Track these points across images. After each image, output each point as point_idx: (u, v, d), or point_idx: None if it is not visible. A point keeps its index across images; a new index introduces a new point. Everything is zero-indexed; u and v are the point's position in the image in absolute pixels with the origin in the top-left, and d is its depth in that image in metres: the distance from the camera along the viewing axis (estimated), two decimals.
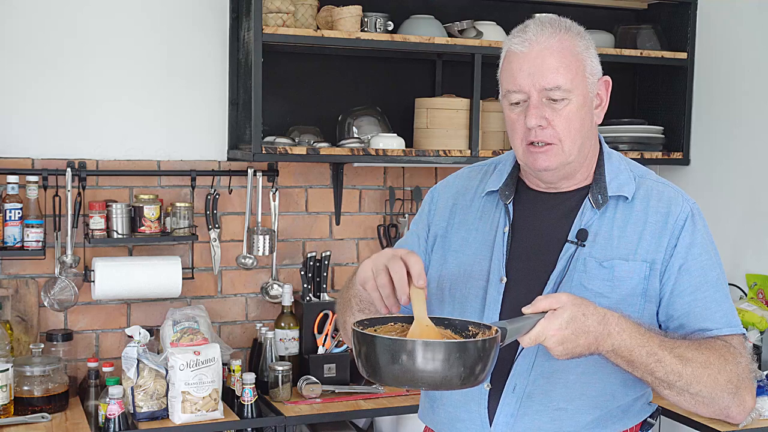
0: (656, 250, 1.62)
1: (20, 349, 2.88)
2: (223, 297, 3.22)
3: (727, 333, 1.62)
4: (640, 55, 3.42)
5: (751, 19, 3.29)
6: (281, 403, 2.86)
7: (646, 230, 1.63)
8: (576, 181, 1.69)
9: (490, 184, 1.73)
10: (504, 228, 1.67)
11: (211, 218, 3.12)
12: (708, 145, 3.46)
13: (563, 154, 1.61)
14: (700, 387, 1.53)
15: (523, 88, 1.60)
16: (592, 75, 1.66)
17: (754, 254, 3.23)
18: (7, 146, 2.93)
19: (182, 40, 3.11)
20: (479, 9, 3.38)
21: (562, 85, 1.59)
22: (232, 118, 3.15)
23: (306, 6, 2.99)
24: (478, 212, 1.73)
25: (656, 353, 1.50)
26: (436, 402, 1.71)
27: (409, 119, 3.27)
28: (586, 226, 1.64)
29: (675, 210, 1.65)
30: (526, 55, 1.60)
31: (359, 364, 1.38)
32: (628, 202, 1.66)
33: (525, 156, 1.63)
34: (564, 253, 1.63)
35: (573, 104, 1.61)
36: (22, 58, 2.94)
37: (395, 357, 1.31)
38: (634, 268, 1.61)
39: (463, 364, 1.31)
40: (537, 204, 1.69)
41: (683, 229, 1.63)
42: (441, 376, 1.31)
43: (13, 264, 2.94)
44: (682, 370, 1.51)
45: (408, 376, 1.31)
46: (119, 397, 2.57)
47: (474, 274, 1.66)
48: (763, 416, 2.70)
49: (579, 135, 1.62)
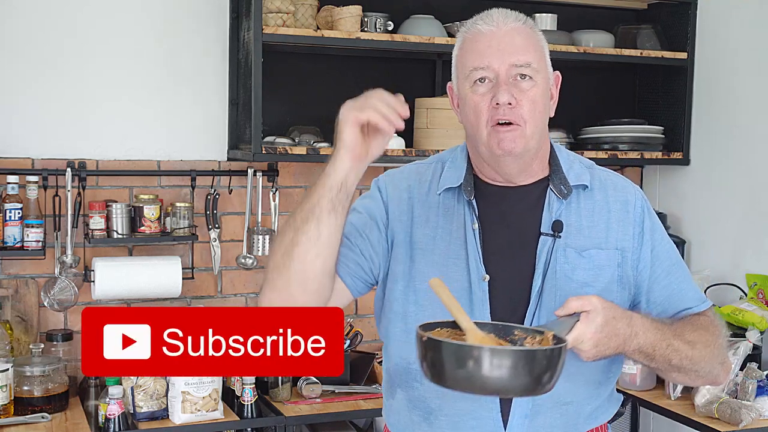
0: (624, 239, 1.64)
1: (20, 349, 2.88)
2: (223, 297, 3.22)
3: (704, 308, 1.70)
4: (640, 55, 3.42)
5: (751, 19, 3.28)
6: (281, 403, 2.86)
7: (611, 219, 1.65)
8: (533, 175, 1.66)
9: (446, 181, 1.68)
10: (472, 225, 1.63)
11: (211, 218, 3.12)
12: (708, 145, 3.46)
13: (525, 137, 1.58)
14: (703, 364, 1.62)
15: (492, 65, 1.57)
16: (549, 66, 1.65)
17: (754, 254, 3.23)
18: (7, 146, 2.93)
19: (182, 40, 3.11)
20: (479, 9, 3.36)
21: (532, 62, 1.58)
22: (232, 118, 3.15)
23: (306, 6, 2.99)
24: (439, 209, 1.67)
25: (672, 343, 1.56)
26: (433, 413, 1.63)
27: (409, 119, 3.26)
28: (556, 217, 1.62)
29: (630, 198, 1.68)
30: (494, 33, 1.59)
31: (423, 367, 1.38)
32: (587, 192, 1.66)
33: (490, 138, 1.58)
34: (542, 245, 1.61)
35: (539, 87, 1.59)
36: (22, 58, 2.94)
37: (462, 363, 1.31)
38: (609, 256, 1.63)
39: (530, 372, 1.31)
40: (498, 199, 1.66)
41: (643, 216, 1.67)
42: (508, 383, 1.31)
43: (13, 264, 2.94)
44: (691, 353, 1.58)
45: (476, 383, 1.31)
46: (119, 397, 2.57)
47: (451, 275, 1.61)
48: (763, 416, 2.69)
49: (540, 120, 1.60)
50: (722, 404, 2.66)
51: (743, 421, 2.61)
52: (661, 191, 3.66)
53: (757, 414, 2.65)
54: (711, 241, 3.41)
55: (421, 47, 3.12)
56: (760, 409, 2.68)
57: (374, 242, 1.66)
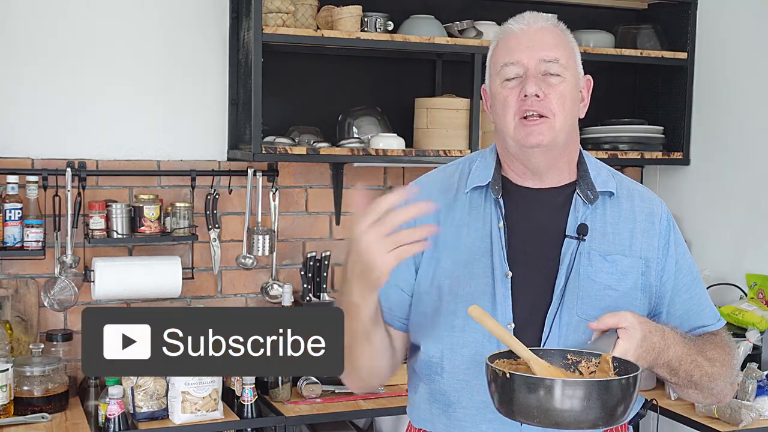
0: (648, 249, 1.65)
1: (20, 349, 2.88)
2: (223, 297, 3.22)
3: (719, 327, 1.72)
4: (640, 55, 3.42)
5: (751, 19, 3.29)
6: (281, 403, 2.86)
7: (636, 228, 1.66)
8: (561, 176, 1.67)
9: (474, 180, 1.69)
10: (498, 223, 1.65)
11: (211, 218, 3.12)
12: (708, 145, 3.46)
13: (554, 130, 1.59)
14: (719, 382, 1.63)
15: (521, 60, 1.60)
16: (580, 68, 1.67)
17: (754, 254, 3.23)
18: (7, 146, 2.93)
19: (182, 40, 3.11)
20: (479, 9, 3.38)
21: (560, 59, 1.60)
22: (232, 118, 3.15)
23: (306, 6, 2.99)
24: (465, 208, 1.69)
25: (696, 359, 1.58)
26: (452, 406, 1.66)
27: (409, 119, 3.27)
28: (582, 221, 1.64)
29: (657, 210, 1.69)
30: (525, 32, 1.63)
31: (494, 400, 1.40)
32: (614, 199, 1.67)
33: (517, 131, 1.60)
34: (566, 247, 1.62)
35: (567, 83, 1.61)
36: (22, 58, 2.94)
37: (534, 395, 1.33)
38: (632, 264, 1.63)
39: (603, 404, 1.33)
40: (526, 199, 1.68)
41: (669, 229, 1.68)
42: (580, 416, 1.32)
43: (13, 264, 2.94)
44: (711, 370, 1.60)
45: (549, 416, 1.33)
46: (119, 397, 2.57)
47: (476, 270, 1.63)
48: (763, 416, 2.70)
49: (570, 115, 1.62)
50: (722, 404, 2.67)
51: (743, 421, 2.61)
52: (661, 191, 3.66)
53: (757, 414, 2.66)
54: (711, 241, 3.41)
55: (421, 47, 3.12)
56: (760, 409, 2.68)
57: (406, 267, 1.69)
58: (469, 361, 1.62)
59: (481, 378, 1.56)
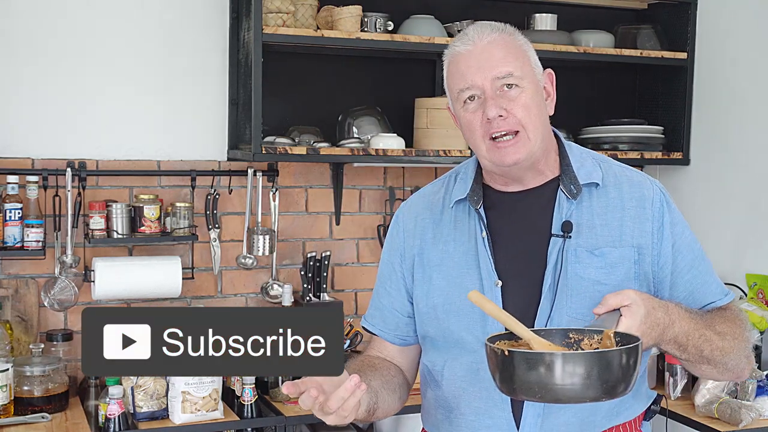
0: (640, 236, 1.63)
1: (20, 349, 2.88)
2: (223, 297, 3.22)
3: (727, 301, 1.70)
4: (640, 55, 3.42)
5: (751, 19, 3.28)
6: (281, 403, 2.86)
7: (625, 216, 1.64)
8: (543, 176, 1.67)
9: (455, 193, 1.71)
10: (481, 234, 1.65)
11: (211, 218, 3.12)
12: (708, 145, 3.46)
13: (528, 142, 1.59)
14: (732, 356, 1.61)
15: (475, 83, 1.59)
16: (537, 66, 1.66)
17: (754, 254, 3.23)
18: (7, 146, 2.93)
19: (182, 40, 3.12)
20: (479, 9, 3.38)
21: (513, 71, 1.59)
22: (232, 118, 3.15)
23: (306, 6, 2.99)
24: (451, 223, 1.71)
25: (704, 333, 1.56)
26: (453, 412, 1.68)
27: (409, 119, 3.27)
28: (566, 218, 1.63)
29: (648, 194, 1.66)
30: (471, 52, 1.61)
31: (495, 380, 1.40)
32: (601, 189, 1.66)
33: (491, 153, 1.60)
34: (552, 247, 1.62)
35: (527, 92, 1.60)
36: (22, 57, 2.94)
37: (534, 371, 1.33)
38: (623, 254, 1.62)
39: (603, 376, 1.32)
40: (509, 204, 1.68)
41: (662, 211, 1.66)
42: (581, 390, 1.32)
43: (13, 264, 2.94)
44: (722, 344, 1.58)
45: (550, 392, 1.33)
46: (119, 397, 2.57)
47: (465, 284, 1.64)
48: (763, 416, 2.70)
49: (539, 122, 1.61)
50: (722, 404, 2.67)
51: (743, 421, 2.61)
52: None
53: (757, 414, 2.66)
54: (711, 241, 3.40)
55: (421, 47, 3.12)
56: (760, 409, 2.68)
57: (397, 291, 1.77)
58: (465, 369, 1.65)
59: (477, 385, 1.59)
